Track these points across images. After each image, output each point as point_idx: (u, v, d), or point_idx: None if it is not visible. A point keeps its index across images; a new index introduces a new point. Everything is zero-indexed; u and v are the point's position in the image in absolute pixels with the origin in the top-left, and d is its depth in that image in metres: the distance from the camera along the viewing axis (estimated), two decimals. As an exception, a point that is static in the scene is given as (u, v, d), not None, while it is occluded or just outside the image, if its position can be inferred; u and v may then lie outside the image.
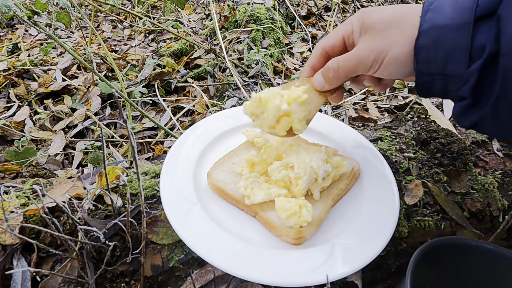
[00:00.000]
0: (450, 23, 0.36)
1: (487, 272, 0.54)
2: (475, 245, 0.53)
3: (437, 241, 0.52)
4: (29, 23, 0.96)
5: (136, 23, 2.03)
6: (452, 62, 0.37)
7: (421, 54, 0.38)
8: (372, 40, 0.43)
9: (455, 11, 0.36)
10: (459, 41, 0.35)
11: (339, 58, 0.48)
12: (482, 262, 0.53)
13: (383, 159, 0.64)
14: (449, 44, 0.36)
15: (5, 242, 0.49)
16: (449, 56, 0.37)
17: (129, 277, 0.52)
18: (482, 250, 0.53)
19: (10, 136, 1.17)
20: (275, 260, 0.47)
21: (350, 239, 0.51)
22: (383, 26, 0.42)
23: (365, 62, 0.44)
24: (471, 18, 0.35)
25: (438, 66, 0.38)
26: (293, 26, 2.01)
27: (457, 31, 0.35)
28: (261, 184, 0.54)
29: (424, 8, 0.39)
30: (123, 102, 1.27)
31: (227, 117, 0.72)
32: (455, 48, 0.36)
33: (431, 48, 0.37)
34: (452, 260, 0.54)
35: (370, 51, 0.44)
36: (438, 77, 0.39)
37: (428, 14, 0.38)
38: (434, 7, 0.38)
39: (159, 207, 0.57)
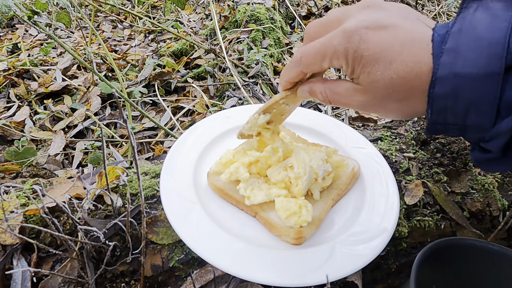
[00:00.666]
0: (474, 72, 0.29)
1: (492, 273, 0.53)
2: (479, 246, 0.52)
3: (441, 241, 0.51)
4: (29, 23, 0.96)
5: (136, 23, 2.03)
6: (474, 114, 0.31)
7: (436, 104, 0.32)
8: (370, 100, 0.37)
9: (479, 56, 0.29)
10: (484, 93, 0.30)
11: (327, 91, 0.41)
12: (486, 262, 0.53)
13: (383, 159, 0.64)
14: (472, 95, 0.30)
15: (5, 242, 0.49)
16: (471, 107, 0.31)
17: (129, 277, 0.52)
18: (487, 251, 0.52)
19: (10, 136, 1.17)
20: (275, 260, 0.47)
21: (350, 239, 0.51)
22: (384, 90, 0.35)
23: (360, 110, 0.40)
24: (501, 67, 0.28)
25: (457, 117, 0.32)
26: (293, 26, 2.01)
27: (483, 81, 0.29)
28: (261, 185, 0.54)
29: (436, 44, 0.32)
30: (123, 102, 1.27)
31: (227, 117, 0.72)
32: (479, 100, 0.30)
33: (449, 98, 0.31)
34: (457, 261, 0.53)
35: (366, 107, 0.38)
36: (455, 127, 0.33)
37: (444, 56, 0.31)
38: (450, 47, 0.31)
39: (159, 207, 0.57)
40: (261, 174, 0.56)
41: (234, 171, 0.54)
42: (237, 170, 0.54)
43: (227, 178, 0.54)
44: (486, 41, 0.29)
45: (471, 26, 0.31)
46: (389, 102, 0.36)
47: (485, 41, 0.29)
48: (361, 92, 0.37)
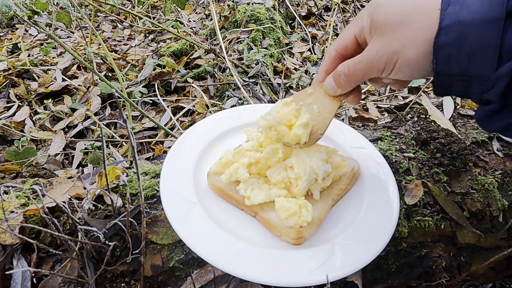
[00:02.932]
0: (476, 18, 0.31)
1: None
2: None
3: None
4: (29, 23, 0.96)
5: (136, 23, 2.03)
6: (477, 62, 0.32)
7: (441, 53, 0.34)
8: (384, 41, 0.39)
9: (482, 3, 0.31)
10: (486, 38, 0.31)
11: (349, 62, 0.45)
12: None
13: (383, 159, 0.64)
14: (474, 42, 0.31)
15: (5, 242, 0.49)
16: (474, 55, 0.32)
17: (129, 277, 0.52)
18: None
19: (10, 136, 1.17)
20: (275, 260, 0.47)
21: (350, 239, 0.51)
22: (395, 23, 0.38)
23: (377, 66, 0.41)
24: (502, 13, 0.30)
25: (460, 66, 0.34)
26: (293, 26, 2.01)
27: (485, 27, 0.31)
28: (261, 185, 0.54)
29: (445, 1, 0.34)
30: (123, 102, 1.27)
31: (227, 117, 0.72)
32: (481, 46, 0.31)
33: (453, 46, 0.33)
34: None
35: (382, 54, 0.40)
36: (459, 78, 0.35)
37: (450, 7, 0.33)
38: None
39: (159, 207, 0.57)
40: (261, 175, 0.56)
41: (233, 171, 0.54)
42: (237, 170, 0.54)
43: (227, 179, 0.54)
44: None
45: None
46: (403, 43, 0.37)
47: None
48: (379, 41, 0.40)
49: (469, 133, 0.76)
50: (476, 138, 0.74)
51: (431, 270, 0.62)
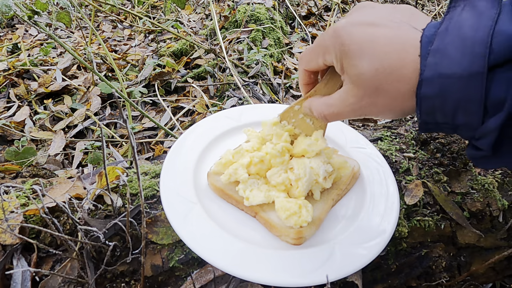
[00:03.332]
0: (458, 72, 0.29)
1: None
2: None
3: None
4: (29, 23, 0.96)
5: (136, 23, 2.03)
6: (462, 114, 0.31)
7: (424, 104, 0.32)
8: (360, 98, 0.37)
9: (463, 55, 0.29)
10: (470, 93, 0.29)
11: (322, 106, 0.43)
12: None
13: (383, 159, 0.64)
14: (458, 95, 0.30)
15: (5, 242, 0.49)
16: (459, 107, 0.31)
17: (129, 277, 0.52)
18: None
19: (10, 136, 1.17)
20: (275, 260, 0.47)
21: (350, 239, 0.51)
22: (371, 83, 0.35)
23: (355, 115, 0.40)
24: (484, 67, 0.28)
25: (446, 117, 0.32)
26: (293, 26, 2.01)
27: (467, 81, 0.29)
28: (260, 186, 0.54)
29: (423, 46, 0.32)
30: (123, 102, 1.27)
31: (227, 117, 0.72)
32: (466, 100, 0.30)
33: (436, 98, 0.31)
34: None
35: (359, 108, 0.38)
36: (446, 125, 0.34)
37: (430, 57, 0.31)
38: (437, 47, 0.31)
39: (159, 207, 0.57)
40: (260, 175, 0.56)
41: (233, 172, 0.54)
42: (236, 171, 0.54)
43: (226, 179, 0.54)
44: (470, 41, 0.29)
45: (457, 26, 0.31)
46: (378, 98, 0.36)
47: (469, 40, 0.29)
48: (351, 92, 0.38)
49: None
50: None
51: (431, 270, 0.62)
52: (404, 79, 0.33)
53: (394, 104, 0.36)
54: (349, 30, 0.36)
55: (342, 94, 0.39)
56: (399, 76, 0.33)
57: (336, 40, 0.37)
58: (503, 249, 0.65)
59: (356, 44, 0.35)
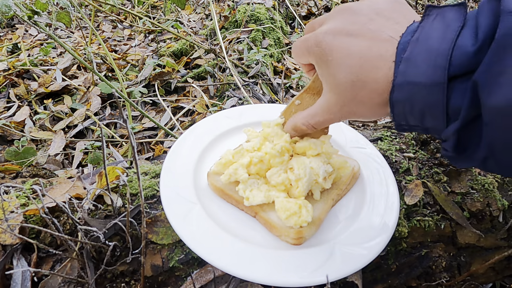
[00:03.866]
0: (423, 81, 0.32)
1: None
2: None
3: None
4: (29, 23, 0.96)
5: (136, 23, 2.03)
6: (429, 118, 0.34)
7: (396, 108, 0.35)
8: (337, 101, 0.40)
9: (428, 66, 0.32)
10: (433, 100, 0.32)
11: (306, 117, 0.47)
12: None
13: (383, 159, 0.64)
14: (424, 101, 0.33)
15: (5, 242, 0.49)
16: (425, 112, 0.34)
17: (129, 277, 0.52)
18: None
19: (10, 136, 1.17)
20: (275, 260, 0.47)
21: (350, 239, 0.51)
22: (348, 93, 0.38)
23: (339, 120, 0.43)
24: (444, 77, 0.31)
25: (415, 120, 0.35)
26: (293, 26, 2.01)
27: (431, 89, 0.32)
28: (260, 186, 0.54)
29: (398, 53, 0.34)
30: (123, 102, 1.27)
31: (227, 117, 0.72)
32: (430, 106, 0.33)
33: (406, 103, 0.34)
34: None
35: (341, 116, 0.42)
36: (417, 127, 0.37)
37: (401, 65, 0.33)
38: (408, 56, 0.33)
39: (159, 207, 0.57)
40: (260, 175, 0.56)
41: (233, 172, 0.54)
42: (236, 171, 0.54)
43: (226, 179, 0.54)
44: (434, 52, 0.32)
45: (426, 36, 0.33)
46: (357, 107, 0.39)
47: (434, 51, 0.32)
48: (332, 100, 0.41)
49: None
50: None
51: (431, 270, 0.62)
52: (377, 91, 0.36)
53: (371, 112, 0.39)
54: (329, 39, 0.38)
55: (323, 103, 0.43)
56: (373, 88, 0.36)
57: (317, 48, 0.39)
58: (503, 249, 0.65)
59: (334, 55, 0.38)
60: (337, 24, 0.39)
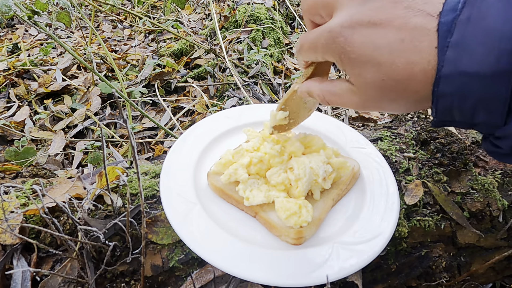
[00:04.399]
0: (482, 71, 0.27)
1: None
2: None
3: None
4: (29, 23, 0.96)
5: (136, 23, 2.03)
6: (483, 112, 0.29)
7: (441, 103, 0.30)
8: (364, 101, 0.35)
9: (488, 52, 0.26)
10: (494, 91, 0.27)
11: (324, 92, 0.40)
12: None
13: (383, 159, 0.64)
14: (480, 93, 0.28)
15: (5, 242, 0.49)
16: (479, 106, 0.29)
17: (129, 277, 0.52)
18: None
19: (10, 136, 1.17)
20: (275, 260, 0.47)
21: (350, 239, 0.51)
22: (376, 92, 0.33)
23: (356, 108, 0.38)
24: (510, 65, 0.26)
25: (464, 115, 0.30)
26: (293, 26, 2.01)
27: (492, 80, 0.27)
28: (260, 186, 0.54)
29: (441, 36, 0.28)
30: (123, 102, 1.27)
31: (227, 117, 0.72)
32: (488, 99, 0.28)
33: (455, 96, 0.29)
34: None
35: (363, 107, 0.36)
36: (462, 124, 0.31)
37: (449, 51, 0.28)
38: (457, 41, 0.27)
39: (159, 207, 0.57)
40: (260, 175, 0.56)
41: (233, 172, 0.54)
42: (236, 171, 0.54)
43: (226, 180, 0.55)
44: (497, 34, 0.26)
45: (480, 15, 0.27)
46: (384, 103, 0.34)
47: (495, 33, 0.26)
48: (356, 93, 0.35)
49: (469, 133, 0.76)
50: (476, 138, 0.74)
51: (431, 270, 0.62)
52: (413, 89, 0.31)
53: (403, 109, 0.35)
54: (348, 34, 0.32)
55: (346, 91, 0.37)
56: (407, 86, 0.31)
57: (334, 45, 0.33)
58: (503, 249, 0.65)
59: (358, 52, 0.32)
60: (353, 13, 0.32)
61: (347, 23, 0.32)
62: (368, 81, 0.33)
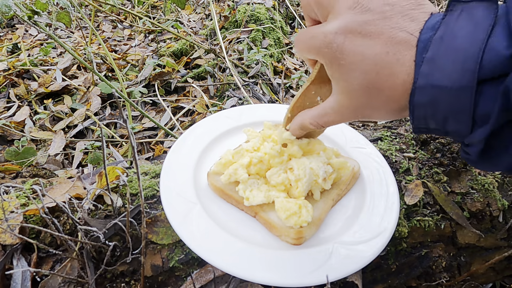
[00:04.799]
0: (449, 85, 0.30)
1: None
2: None
3: None
4: (29, 23, 0.96)
5: (136, 23, 2.03)
6: (453, 122, 0.32)
7: (417, 111, 0.33)
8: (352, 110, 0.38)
9: (454, 69, 0.30)
10: (460, 104, 0.30)
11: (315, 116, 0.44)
12: None
13: (383, 159, 0.64)
14: (448, 106, 0.31)
15: (5, 242, 0.49)
16: (449, 116, 0.32)
17: (129, 277, 0.52)
18: None
19: (10, 136, 1.17)
20: (275, 260, 0.47)
21: (350, 239, 0.51)
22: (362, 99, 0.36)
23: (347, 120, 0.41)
24: (473, 82, 0.29)
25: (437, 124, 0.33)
26: (293, 26, 2.01)
27: (458, 94, 0.30)
28: (260, 186, 0.54)
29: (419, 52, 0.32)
30: (123, 102, 1.27)
31: (227, 117, 0.72)
32: (455, 111, 0.31)
33: (428, 106, 0.32)
34: None
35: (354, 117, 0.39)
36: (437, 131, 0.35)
37: (424, 66, 0.31)
38: (431, 57, 0.31)
39: (159, 207, 0.57)
40: (260, 175, 0.56)
41: (233, 172, 0.54)
42: (236, 171, 0.54)
43: (226, 180, 0.54)
44: (462, 54, 0.29)
45: (452, 35, 0.30)
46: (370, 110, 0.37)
47: (461, 53, 0.29)
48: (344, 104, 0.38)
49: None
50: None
51: (431, 270, 0.62)
52: (394, 98, 0.34)
53: (387, 116, 0.38)
54: (340, 41, 0.35)
55: (334, 104, 0.40)
56: (389, 95, 0.34)
57: (327, 50, 0.36)
58: (503, 249, 0.65)
59: (347, 59, 0.35)
60: (347, 21, 0.35)
61: (341, 30, 0.35)
62: (355, 87, 0.36)
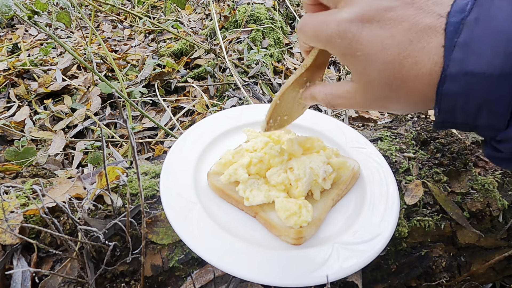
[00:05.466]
0: (488, 72, 0.27)
1: None
2: None
3: None
4: (29, 23, 0.96)
5: (136, 23, 2.03)
6: (486, 114, 0.29)
7: (445, 102, 0.30)
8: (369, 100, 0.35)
9: (495, 54, 0.26)
10: (499, 93, 0.27)
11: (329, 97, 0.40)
12: None
13: (383, 159, 0.64)
14: (485, 95, 0.28)
15: (5, 242, 0.49)
16: (483, 107, 0.28)
17: (129, 277, 0.52)
18: None
19: (10, 136, 1.17)
20: (275, 260, 0.47)
21: (350, 239, 0.51)
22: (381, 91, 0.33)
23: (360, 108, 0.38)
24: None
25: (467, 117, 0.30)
26: (293, 26, 2.01)
27: (498, 81, 0.27)
28: (260, 186, 0.54)
29: (448, 36, 0.28)
30: (123, 102, 1.27)
31: (227, 117, 0.72)
32: (493, 100, 0.28)
33: (459, 96, 0.28)
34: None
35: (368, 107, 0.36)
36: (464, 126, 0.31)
37: (456, 51, 0.28)
38: (464, 41, 0.27)
39: (159, 207, 0.57)
40: (260, 175, 0.56)
41: (233, 172, 0.54)
42: (236, 171, 0.54)
43: (226, 180, 0.55)
44: (504, 36, 0.26)
45: (489, 16, 0.27)
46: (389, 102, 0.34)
47: (503, 35, 0.26)
48: (360, 92, 0.35)
49: (469, 133, 0.76)
50: (476, 138, 0.74)
51: (431, 270, 0.62)
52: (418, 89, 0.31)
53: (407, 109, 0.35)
54: (356, 30, 0.31)
55: (351, 91, 0.36)
56: (413, 87, 0.31)
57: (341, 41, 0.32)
58: (503, 249, 0.65)
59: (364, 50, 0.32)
60: (364, 8, 0.31)
61: (356, 18, 0.32)
62: (373, 79, 0.32)
